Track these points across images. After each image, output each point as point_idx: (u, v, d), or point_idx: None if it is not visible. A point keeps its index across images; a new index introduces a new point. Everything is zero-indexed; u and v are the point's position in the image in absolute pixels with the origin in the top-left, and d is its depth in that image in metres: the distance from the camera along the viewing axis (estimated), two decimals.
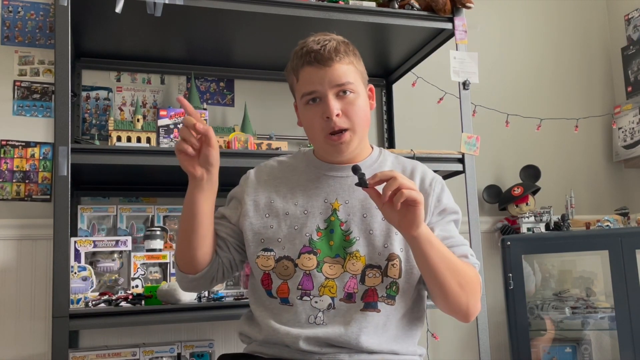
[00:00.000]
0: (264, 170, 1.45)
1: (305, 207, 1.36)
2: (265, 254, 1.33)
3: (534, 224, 2.55)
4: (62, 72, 1.73)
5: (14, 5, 2.27)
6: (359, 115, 1.33)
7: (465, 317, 1.33)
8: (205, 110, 2.16)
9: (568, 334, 2.54)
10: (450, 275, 1.26)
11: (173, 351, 1.94)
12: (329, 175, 1.39)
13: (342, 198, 1.36)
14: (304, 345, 1.26)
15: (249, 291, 1.43)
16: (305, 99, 1.34)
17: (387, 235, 1.33)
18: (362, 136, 1.37)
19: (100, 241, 1.98)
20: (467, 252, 1.37)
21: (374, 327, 1.29)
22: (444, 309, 1.34)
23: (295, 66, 1.36)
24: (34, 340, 2.15)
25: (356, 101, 1.33)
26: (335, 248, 1.32)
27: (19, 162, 2.22)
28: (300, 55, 1.34)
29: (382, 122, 2.72)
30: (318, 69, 1.31)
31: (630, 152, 2.88)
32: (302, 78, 1.34)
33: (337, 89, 1.32)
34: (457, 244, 1.37)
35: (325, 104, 1.31)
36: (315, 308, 1.29)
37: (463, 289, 1.28)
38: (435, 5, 2.12)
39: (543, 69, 3.03)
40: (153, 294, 1.78)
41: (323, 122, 1.32)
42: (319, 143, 1.37)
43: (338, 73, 1.32)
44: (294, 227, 1.34)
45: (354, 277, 1.30)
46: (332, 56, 1.31)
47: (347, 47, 1.36)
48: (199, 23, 2.05)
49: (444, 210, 1.38)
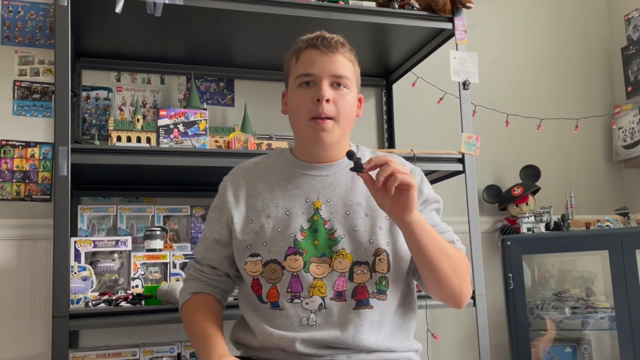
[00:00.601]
0: (240, 175, 1.43)
1: (286, 207, 1.35)
2: (253, 260, 1.33)
3: (534, 224, 2.55)
4: (62, 72, 1.73)
5: (14, 5, 2.27)
6: (347, 110, 1.34)
7: (458, 302, 1.33)
8: (205, 110, 2.16)
9: (568, 334, 2.54)
10: (444, 260, 1.27)
11: (173, 351, 1.94)
12: (308, 175, 1.39)
13: (324, 197, 1.36)
14: (301, 348, 1.26)
15: (240, 297, 1.43)
16: (300, 80, 1.34)
17: (372, 231, 1.33)
18: (344, 132, 1.37)
19: (100, 241, 1.98)
20: (453, 238, 1.39)
21: (370, 324, 1.29)
22: (438, 295, 1.34)
23: (298, 48, 1.37)
24: (34, 340, 2.15)
25: (347, 97, 1.35)
26: (321, 247, 1.32)
27: (19, 162, 2.22)
28: (307, 39, 1.36)
29: (382, 122, 2.72)
30: (321, 53, 1.33)
31: (630, 152, 2.88)
32: (303, 59, 1.35)
33: (333, 79, 1.33)
34: (443, 230, 1.39)
35: (318, 88, 1.32)
36: (306, 310, 1.29)
37: (456, 273, 1.29)
38: (435, 5, 2.12)
39: (543, 69, 3.03)
40: (153, 294, 1.78)
41: (311, 105, 1.32)
42: (301, 127, 1.35)
43: (340, 63, 1.34)
44: (278, 228, 1.33)
45: (342, 276, 1.30)
46: (338, 46, 1.34)
47: (352, 49, 1.39)
48: (199, 23, 2.05)
49: (426, 200, 1.40)
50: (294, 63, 1.37)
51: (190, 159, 1.88)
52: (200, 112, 2.12)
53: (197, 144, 2.08)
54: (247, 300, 1.37)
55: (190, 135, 2.09)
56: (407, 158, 2.03)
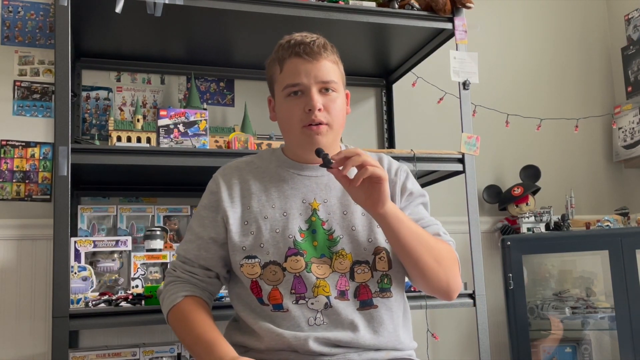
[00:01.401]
0: (231, 173, 1.41)
1: (283, 208, 1.34)
2: (250, 262, 1.31)
3: (534, 224, 2.55)
4: (62, 72, 1.73)
5: (14, 5, 2.27)
6: (338, 114, 1.35)
7: (447, 294, 1.34)
8: (205, 110, 2.16)
9: (568, 334, 2.54)
10: (424, 250, 1.27)
11: (173, 351, 1.94)
12: (303, 175, 1.38)
13: (321, 197, 1.36)
14: (314, 346, 1.25)
15: (234, 299, 1.39)
16: (287, 90, 1.33)
17: (370, 229, 1.33)
18: (336, 135, 1.37)
19: (100, 241, 1.98)
20: (440, 231, 1.39)
21: (378, 324, 1.30)
22: (425, 287, 1.36)
23: (281, 57, 1.35)
24: (34, 340, 2.15)
25: (337, 100, 1.35)
26: (320, 248, 1.31)
27: (19, 162, 2.22)
28: (288, 46, 1.34)
29: (382, 122, 2.72)
30: (305, 62, 1.32)
31: (630, 152, 2.88)
32: (288, 69, 1.33)
33: (321, 85, 1.32)
34: (429, 224, 1.39)
35: (308, 97, 1.31)
36: (312, 310, 1.28)
37: (440, 265, 1.30)
38: (435, 5, 2.12)
39: (543, 69, 3.03)
40: (153, 294, 1.78)
41: (303, 115, 1.31)
42: (294, 135, 1.35)
43: (325, 69, 1.33)
44: (276, 230, 1.32)
45: (343, 276, 1.31)
46: (321, 51, 1.33)
47: (333, 48, 1.38)
48: (199, 23, 2.05)
49: (411, 194, 1.41)
50: (279, 72, 1.36)
51: (190, 159, 1.88)
52: (200, 112, 2.12)
53: (197, 144, 2.08)
54: (244, 302, 1.35)
55: (190, 135, 2.09)
56: (407, 158, 2.04)
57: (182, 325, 1.31)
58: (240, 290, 1.36)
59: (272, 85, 1.41)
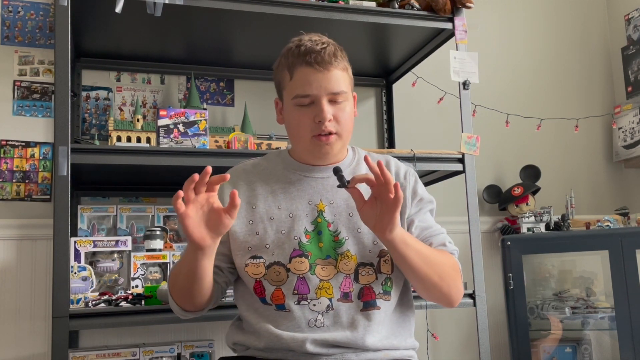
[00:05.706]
0: (237, 176, 1.41)
1: (289, 210, 1.35)
2: (255, 262, 1.32)
3: (534, 224, 2.55)
4: (62, 72, 1.73)
5: (14, 5, 2.27)
6: (347, 123, 1.35)
7: (448, 303, 1.37)
8: (205, 110, 2.17)
9: (568, 334, 2.54)
10: (429, 269, 1.29)
11: (173, 351, 1.94)
12: (309, 177, 1.39)
13: (327, 199, 1.36)
14: (311, 348, 1.26)
15: (238, 299, 1.41)
16: (297, 100, 1.33)
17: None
18: (345, 142, 1.38)
19: (100, 241, 1.98)
20: (445, 240, 1.41)
21: (377, 324, 1.31)
22: (427, 299, 1.40)
23: (291, 64, 1.34)
24: (34, 340, 2.15)
25: (347, 108, 1.35)
26: (325, 249, 1.32)
27: (19, 162, 2.22)
28: (298, 54, 1.33)
29: (382, 122, 2.72)
30: (316, 72, 1.31)
31: (630, 152, 2.88)
32: (298, 78, 1.33)
33: (331, 96, 1.32)
34: (436, 233, 1.40)
35: (318, 108, 1.31)
36: (314, 311, 1.29)
37: (443, 280, 1.32)
38: (435, 5, 2.12)
39: (543, 69, 3.03)
40: (153, 294, 1.78)
41: (313, 125, 1.32)
42: (303, 144, 1.36)
43: (335, 80, 1.32)
44: (281, 231, 1.33)
45: (348, 277, 1.31)
46: (332, 60, 1.32)
47: (342, 52, 1.37)
48: (199, 23, 2.05)
49: (421, 200, 1.42)
50: (288, 79, 1.35)
51: (190, 159, 1.88)
52: (200, 112, 2.12)
53: (197, 144, 2.08)
54: (247, 302, 1.36)
55: (190, 135, 2.09)
56: (407, 158, 2.04)
57: (172, 272, 1.34)
58: (244, 290, 1.38)
59: (280, 90, 1.40)
